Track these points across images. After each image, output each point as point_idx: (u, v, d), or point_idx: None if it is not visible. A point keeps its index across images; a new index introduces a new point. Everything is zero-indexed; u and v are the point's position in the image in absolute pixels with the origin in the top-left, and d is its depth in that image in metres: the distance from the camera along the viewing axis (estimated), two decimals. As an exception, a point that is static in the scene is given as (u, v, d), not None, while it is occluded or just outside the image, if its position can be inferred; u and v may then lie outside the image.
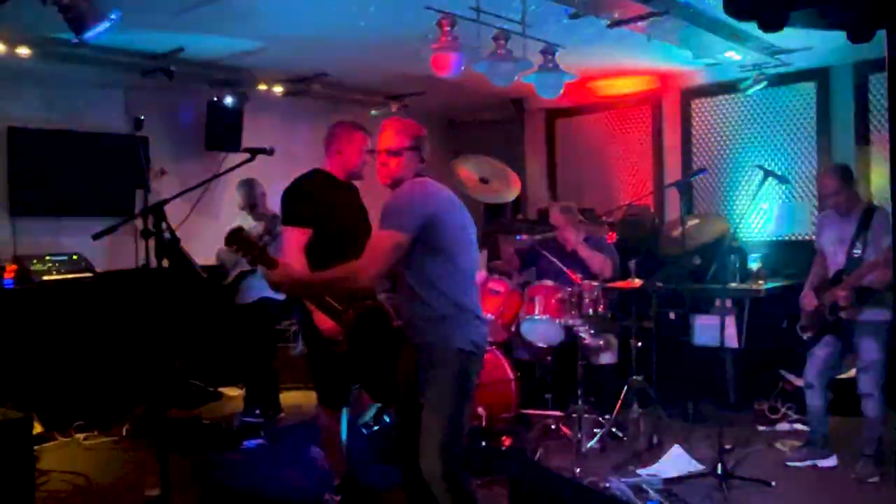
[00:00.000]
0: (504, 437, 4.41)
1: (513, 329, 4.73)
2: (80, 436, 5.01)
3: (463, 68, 4.12)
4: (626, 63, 6.09)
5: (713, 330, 4.97)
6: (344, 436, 3.80)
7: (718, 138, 6.56)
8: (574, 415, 4.51)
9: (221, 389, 6.21)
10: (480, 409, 4.35)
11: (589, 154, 7.37)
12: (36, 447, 4.64)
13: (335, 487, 3.79)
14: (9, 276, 4.94)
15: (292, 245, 3.54)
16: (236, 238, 2.87)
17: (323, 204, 3.57)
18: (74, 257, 5.31)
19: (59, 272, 5.14)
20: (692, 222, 5.74)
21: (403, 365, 3.06)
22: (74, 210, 5.57)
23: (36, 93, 5.43)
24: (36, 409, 4.94)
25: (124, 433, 5.04)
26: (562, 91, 4.65)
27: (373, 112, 7.25)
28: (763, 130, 6.28)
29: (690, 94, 6.67)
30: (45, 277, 5.06)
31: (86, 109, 5.72)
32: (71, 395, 5.20)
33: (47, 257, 5.20)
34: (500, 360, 4.62)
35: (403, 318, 2.98)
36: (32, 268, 5.04)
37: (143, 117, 5.90)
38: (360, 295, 3.22)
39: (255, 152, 3.42)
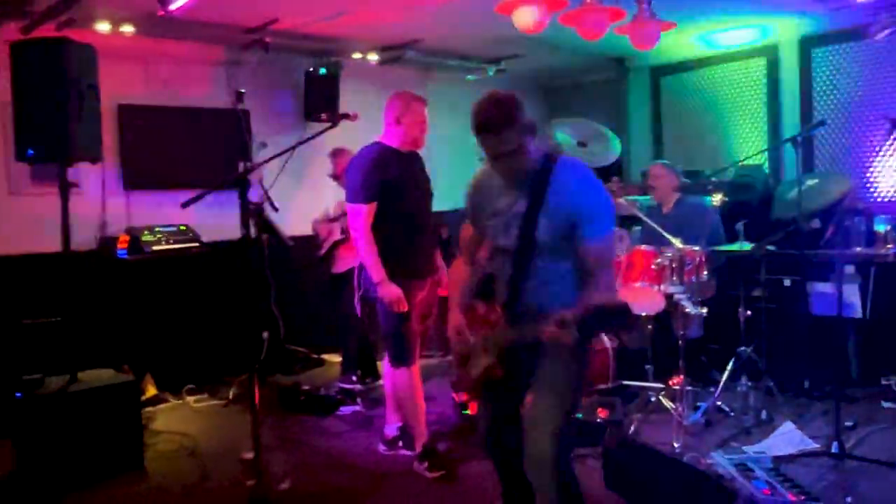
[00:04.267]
0: (600, 409, 4.25)
1: (610, 297, 4.52)
2: (191, 398, 5.24)
3: (548, 24, 3.90)
4: (735, 11, 5.64)
5: (832, 298, 4.57)
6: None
7: (843, 90, 6.00)
8: (676, 387, 4.28)
9: (325, 356, 6.35)
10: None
11: (698, 112, 6.94)
12: (150, 408, 4.91)
13: (420, 455, 3.78)
14: (122, 246, 5.19)
15: (358, 222, 3.61)
16: None
17: (386, 178, 3.61)
18: (182, 228, 5.52)
19: (167, 242, 5.35)
20: (810, 182, 5.30)
21: None
22: (182, 183, 5.76)
23: (142, 70, 5.62)
24: (151, 371, 5.22)
25: (230, 397, 5.23)
26: (658, 41, 4.34)
27: (469, 77, 7.12)
28: (895, 80, 5.69)
29: (811, 43, 6.12)
30: (155, 248, 5.28)
31: (190, 85, 5.89)
32: (183, 360, 5.45)
33: (157, 228, 5.42)
34: (596, 330, 4.44)
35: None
36: (143, 238, 5.27)
37: (243, 91, 6.01)
38: None
39: (337, 119, 3.46)
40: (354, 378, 5.27)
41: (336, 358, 6.24)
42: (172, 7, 3.40)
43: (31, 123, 3.80)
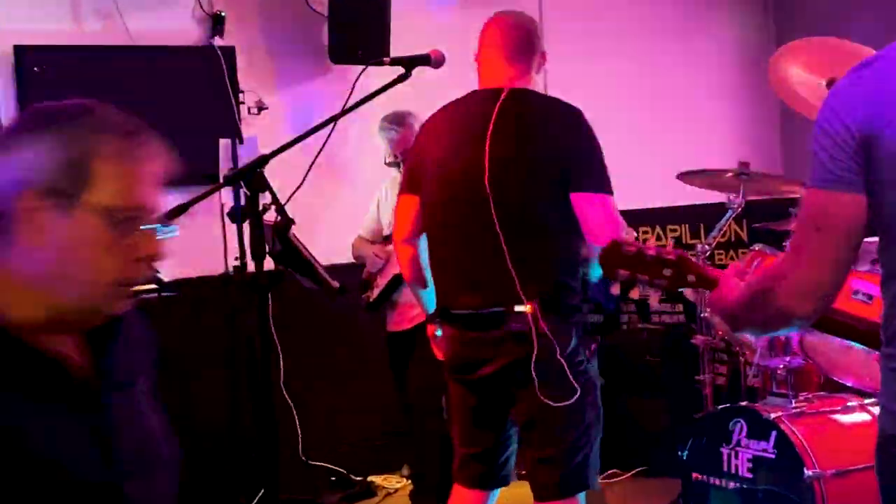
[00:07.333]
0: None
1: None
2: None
3: None
4: None
5: None
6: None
7: None
8: None
9: (374, 479, 6.52)
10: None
11: None
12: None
13: None
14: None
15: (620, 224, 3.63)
16: (618, 257, 2.50)
17: None
18: (127, 258, 5.78)
19: (104, 284, 5.61)
20: None
21: None
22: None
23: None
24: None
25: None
26: None
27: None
28: None
29: None
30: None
31: (135, 7, 6.04)
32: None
33: (86, 260, 5.69)
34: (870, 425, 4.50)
35: None
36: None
37: (223, 13, 6.21)
38: None
39: (410, 64, 3.59)
40: (435, 516, 5.42)
41: (396, 481, 6.39)
42: None
43: None
